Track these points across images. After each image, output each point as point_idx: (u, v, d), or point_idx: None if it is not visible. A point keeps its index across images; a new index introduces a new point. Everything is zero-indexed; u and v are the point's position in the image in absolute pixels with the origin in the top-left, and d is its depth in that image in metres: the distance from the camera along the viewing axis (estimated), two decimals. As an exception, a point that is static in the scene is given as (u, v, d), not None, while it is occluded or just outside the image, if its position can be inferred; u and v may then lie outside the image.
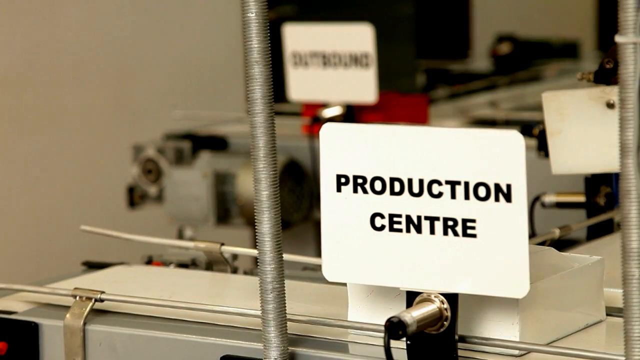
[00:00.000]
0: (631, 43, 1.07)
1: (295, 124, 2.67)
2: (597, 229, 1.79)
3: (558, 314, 1.30)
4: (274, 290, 1.30)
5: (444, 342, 1.22)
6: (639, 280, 1.09)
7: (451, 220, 1.20)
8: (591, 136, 1.67)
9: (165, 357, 1.41)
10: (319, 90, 2.54)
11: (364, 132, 1.24)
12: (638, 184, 1.08)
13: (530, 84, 3.52)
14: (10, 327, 1.49)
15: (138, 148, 2.78)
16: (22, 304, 1.54)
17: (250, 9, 1.26)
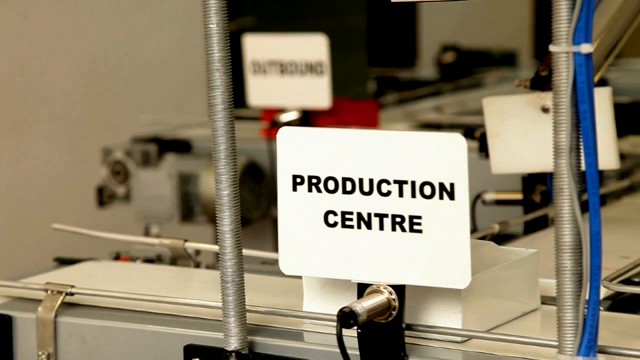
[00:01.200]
0: (564, 52, 1.08)
1: (255, 127, 2.67)
2: (533, 224, 1.80)
3: (497, 303, 1.31)
4: (234, 283, 1.30)
5: (392, 330, 1.22)
6: (571, 271, 1.10)
7: (399, 217, 1.20)
8: (528, 138, 1.68)
9: (132, 347, 1.41)
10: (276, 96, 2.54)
11: (318, 135, 1.24)
12: (570, 182, 1.09)
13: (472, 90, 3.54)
14: (-18, 320, 1.48)
15: (107, 151, 2.77)
16: (-4, 297, 1.53)
17: (211, 20, 1.26)
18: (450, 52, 3.89)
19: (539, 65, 1.73)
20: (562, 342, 1.11)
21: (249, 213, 2.62)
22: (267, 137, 2.53)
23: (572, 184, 1.09)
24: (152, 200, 2.65)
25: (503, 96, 1.74)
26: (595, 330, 1.10)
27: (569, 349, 1.11)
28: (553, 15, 1.08)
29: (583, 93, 1.08)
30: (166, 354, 1.38)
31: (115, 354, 1.42)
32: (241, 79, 2.54)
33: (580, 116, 1.08)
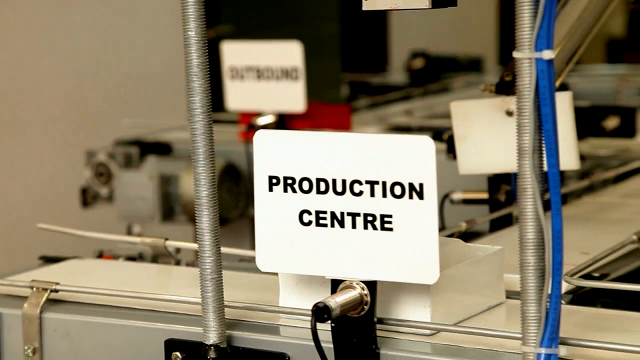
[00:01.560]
0: (527, 58, 1.08)
1: (233, 130, 2.67)
2: (498, 222, 1.81)
3: (464, 298, 1.31)
4: (213, 280, 1.30)
5: (364, 324, 1.22)
6: (534, 267, 1.10)
7: (370, 216, 1.20)
8: (493, 140, 1.69)
9: (114, 341, 1.40)
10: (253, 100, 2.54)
11: (293, 138, 1.24)
12: (533, 182, 1.09)
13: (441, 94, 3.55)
14: (-30, 317, 1.47)
15: (90, 153, 2.76)
16: (-17, 295, 1.52)
17: (190, 28, 1.26)
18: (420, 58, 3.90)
19: (503, 71, 1.74)
20: (526, 335, 1.12)
21: (228, 212, 2.62)
22: (245, 140, 2.53)
23: (535, 184, 1.09)
24: (134, 201, 2.65)
25: (469, 100, 1.75)
26: (557, 323, 1.11)
27: (532, 341, 1.11)
28: (516, 23, 1.09)
29: (545, 97, 1.08)
30: (147, 348, 1.37)
31: (98, 348, 1.42)
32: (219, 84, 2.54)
33: (543, 119, 1.09)
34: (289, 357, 1.28)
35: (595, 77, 3.84)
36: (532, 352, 1.11)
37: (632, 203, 1.95)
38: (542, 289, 1.10)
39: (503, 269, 1.36)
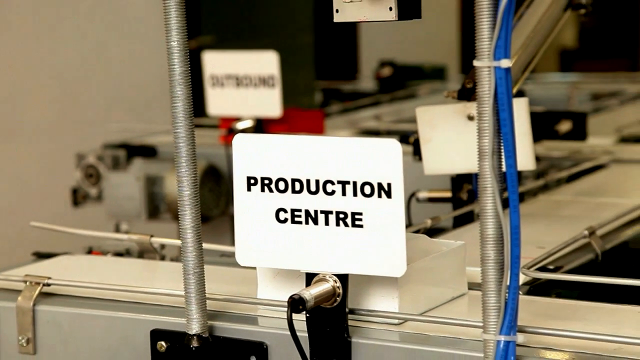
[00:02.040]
0: (486, 67, 1.08)
1: (214, 134, 2.66)
2: (461, 219, 1.81)
3: (429, 289, 1.32)
4: (195, 274, 1.29)
5: (336, 314, 1.22)
6: (494, 260, 1.11)
7: (342, 214, 1.20)
8: (456, 143, 1.69)
9: (103, 332, 1.40)
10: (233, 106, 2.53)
11: (270, 141, 1.24)
12: (493, 182, 1.10)
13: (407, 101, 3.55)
14: (-32, 310, 1.46)
15: (81, 156, 2.75)
16: (-21, 289, 1.51)
17: (172, 38, 1.26)
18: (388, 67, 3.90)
19: (465, 79, 1.74)
20: (487, 323, 1.12)
21: (209, 211, 2.62)
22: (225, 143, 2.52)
23: (495, 183, 1.09)
24: (121, 200, 2.64)
25: (434, 106, 1.75)
26: (515, 312, 1.11)
27: (492, 329, 1.11)
28: (476, 35, 1.09)
29: (503, 103, 1.08)
30: (134, 338, 1.37)
31: (88, 338, 1.41)
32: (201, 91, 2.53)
33: (501, 123, 1.09)
34: (267, 345, 1.28)
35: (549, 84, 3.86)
36: (492, 340, 1.11)
37: (583, 201, 1.96)
38: (501, 280, 1.11)
39: (465, 262, 1.37)
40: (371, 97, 3.69)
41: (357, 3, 1.25)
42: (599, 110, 3.19)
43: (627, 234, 1.71)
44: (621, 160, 2.31)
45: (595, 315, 1.27)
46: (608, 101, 3.35)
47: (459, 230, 1.76)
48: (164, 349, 1.33)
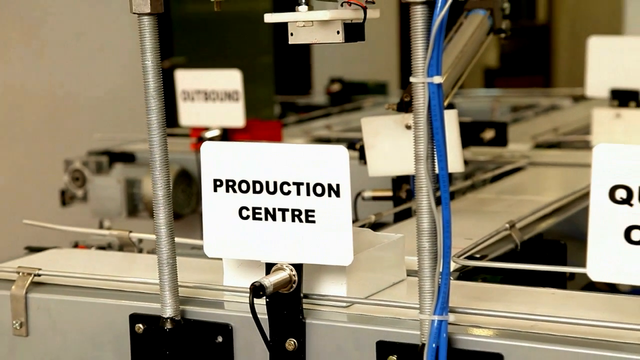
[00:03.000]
0: (421, 82, 1.08)
1: (185, 142, 2.64)
2: (400, 215, 1.81)
3: (373, 276, 1.31)
4: (168, 265, 1.28)
5: (292, 299, 1.22)
6: (429, 250, 1.11)
7: (297, 211, 1.20)
8: (395, 149, 1.69)
9: (87, 316, 1.38)
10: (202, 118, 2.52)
11: (234, 148, 1.24)
12: (427, 182, 1.10)
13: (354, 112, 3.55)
14: (-33, 298, 1.44)
15: (68, 162, 2.73)
16: (-23, 279, 1.49)
17: (147, 58, 1.25)
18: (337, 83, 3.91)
19: (403, 93, 1.74)
20: (422, 305, 1.12)
21: (182, 209, 2.61)
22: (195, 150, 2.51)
23: (429, 184, 1.10)
24: (104, 200, 2.63)
25: (377, 117, 1.75)
26: (447, 295, 1.11)
27: (427, 310, 1.12)
28: (412, 55, 1.09)
29: (435, 114, 1.08)
30: (115, 321, 1.35)
31: (74, 322, 1.39)
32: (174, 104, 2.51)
33: (434, 131, 1.09)
34: (232, 327, 1.27)
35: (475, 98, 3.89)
36: (427, 319, 1.12)
37: (505, 198, 1.97)
38: (435, 268, 1.11)
39: (404, 252, 1.37)
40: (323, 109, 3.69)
41: (309, 27, 1.24)
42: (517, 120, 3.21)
43: (542, 226, 1.72)
44: (536, 164, 2.33)
45: (515, 297, 1.28)
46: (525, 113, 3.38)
47: (399, 224, 1.76)
48: (142, 330, 1.32)
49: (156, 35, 1.24)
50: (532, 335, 1.12)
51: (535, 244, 1.65)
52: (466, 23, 1.91)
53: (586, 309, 1.20)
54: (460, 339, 1.13)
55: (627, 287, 1.46)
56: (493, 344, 1.12)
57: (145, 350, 1.32)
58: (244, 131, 2.47)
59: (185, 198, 2.63)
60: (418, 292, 1.12)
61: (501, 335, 1.13)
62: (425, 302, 1.12)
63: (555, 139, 2.72)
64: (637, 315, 1.15)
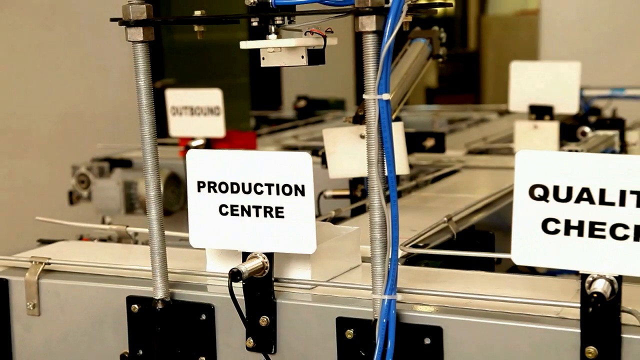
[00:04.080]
0: (372, 99, 1.08)
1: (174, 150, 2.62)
2: (356, 210, 1.81)
3: (333, 262, 1.31)
4: (160, 254, 1.27)
5: (265, 282, 1.21)
6: (380, 240, 1.10)
7: (268, 208, 1.19)
8: (352, 155, 1.69)
9: (90, 298, 1.37)
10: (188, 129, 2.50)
11: (215, 155, 1.23)
12: (378, 183, 1.09)
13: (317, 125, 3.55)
14: (-12, 282, 1.42)
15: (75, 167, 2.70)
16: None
17: (140, 79, 1.23)
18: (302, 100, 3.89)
19: (358, 108, 1.74)
20: (375, 286, 1.12)
21: (171, 207, 2.59)
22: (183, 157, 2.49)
23: (379, 184, 1.09)
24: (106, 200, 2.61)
25: (336, 128, 1.75)
26: (395, 278, 1.11)
27: (379, 291, 1.11)
28: (364, 75, 1.08)
29: (385, 125, 1.08)
30: (114, 303, 1.34)
31: (79, 303, 1.38)
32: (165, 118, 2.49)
33: (384, 140, 1.09)
34: (214, 306, 1.26)
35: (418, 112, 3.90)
36: (379, 298, 1.11)
37: (443, 196, 1.98)
38: (385, 255, 1.11)
39: (359, 242, 1.36)
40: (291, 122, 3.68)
41: (278, 53, 1.23)
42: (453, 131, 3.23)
43: (474, 219, 1.73)
44: (469, 167, 2.34)
45: (452, 279, 1.28)
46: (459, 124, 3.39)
47: (355, 218, 1.75)
48: (137, 310, 1.31)
49: (148, 60, 1.23)
50: (466, 311, 1.12)
51: (468, 234, 1.66)
52: (410, 50, 1.92)
53: (511, 288, 1.20)
54: (406, 314, 1.13)
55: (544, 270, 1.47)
56: (434, 319, 1.12)
57: (140, 327, 1.31)
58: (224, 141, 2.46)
59: (174, 197, 2.61)
60: (371, 275, 1.12)
61: (440, 311, 1.13)
62: (377, 284, 1.11)
63: (485, 146, 2.74)
64: (552, 292, 1.15)
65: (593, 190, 1.01)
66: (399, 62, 1.88)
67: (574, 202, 1.02)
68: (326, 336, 1.18)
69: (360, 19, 1.06)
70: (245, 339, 1.23)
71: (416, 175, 2.19)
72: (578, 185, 1.02)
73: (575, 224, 1.02)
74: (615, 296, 1.01)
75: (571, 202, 1.02)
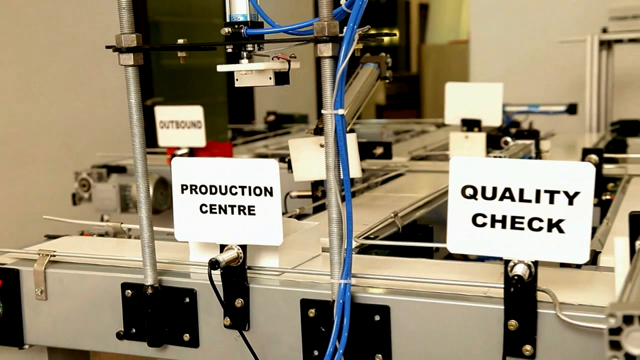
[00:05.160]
0: (329, 113, 1.07)
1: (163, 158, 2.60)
2: (317, 208, 1.81)
3: (298, 252, 1.30)
4: (149, 247, 1.25)
5: (240, 270, 1.20)
6: (337, 234, 1.10)
7: (242, 207, 1.18)
8: (313, 161, 1.68)
9: (90, 285, 1.34)
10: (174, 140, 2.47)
11: (196, 162, 1.21)
12: (335, 185, 1.09)
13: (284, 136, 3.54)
14: (3, 272, 1.38)
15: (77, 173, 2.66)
16: (10, 259, 1.43)
17: (131, 97, 1.21)
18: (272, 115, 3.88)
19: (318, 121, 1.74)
20: (332, 272, 1.11)
21: (160, 206, 2.55)
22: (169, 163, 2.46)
23: (336, 186, 1.09)
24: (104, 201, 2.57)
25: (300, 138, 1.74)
26: (350, 265, 1.11)
27: (336, 276, 1.11)
28: (323, 93, 1.08)
29: (340, 136, 1.08)
30: (110, 288, 1.31)
31: (80, 289, 1.35)
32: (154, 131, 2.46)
33: (339, 149, 1.08)
34: (196, 291, 1.24)
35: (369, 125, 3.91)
36: (336, 282, 1.11)
37: (391, 195, 1.98)
38: (341, 246, 1.10)
39: (319, 235, 1.36)
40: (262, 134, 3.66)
41: (250, 75, 1.23)
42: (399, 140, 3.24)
43: (417, 215, 1.73)
44: (412, 171, 2.35)
45: (398, 265, 1.28)
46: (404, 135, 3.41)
47: (316, 215, 1.75)
48: (130, 295, 1.29)
49: (138, 81, 1.21)
50: (409, 292, 1.12)
51: (411, 227, 1.66)
52: (361, 72, 1.92)
53: (446, 272, 1.21)
54: (359, 295, 1.13)
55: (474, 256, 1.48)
56: (382, 299, 1.12)
57: (133, 309, 1.29)
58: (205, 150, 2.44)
59: (162, 198, 2.57)
60: (329, 263, 1.11)
61: (388, 293, 1.13)
62: (335, 270, 1.11)
63: (425, 153, 2.75)
64: (481, 276, 1.16)
65: (514, 190, 1.02)
66: (352, 83, 1.88)
67: (498, 199, 1.03)
68: (292, 315, 1.17)
69: (319, 46, 1.06)
70: (223, 318, 1.21)
71: (367, 178, 2.19)
72: (501, 185, 1.02)
73: (500, 218, 1.03)
74: (532, 278, 1.02)
75: (496, 199, 1.03)
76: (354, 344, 1.12)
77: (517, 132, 2.47)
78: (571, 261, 1.00)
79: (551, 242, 1.00)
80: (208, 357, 1.24)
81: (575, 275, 1.16)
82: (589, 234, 0.99)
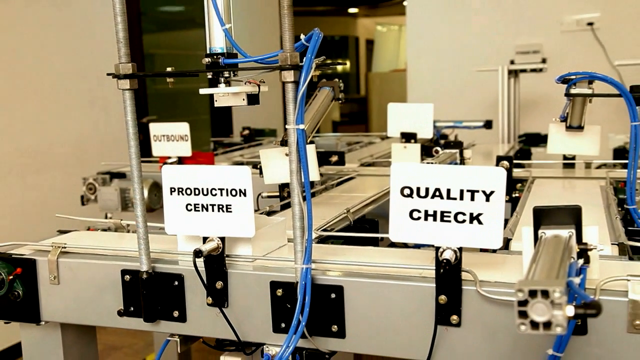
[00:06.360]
0: (292, 128, 1.07)
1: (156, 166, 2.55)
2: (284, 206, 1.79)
3: (268, 243, 1.28)
4: (144, 239, 1.22)
5: (219, 258, 1.18)
6: (300, 227, 1.09)
7: (221, 205, 1.16)
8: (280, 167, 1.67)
9: (95, 272, 1.30)
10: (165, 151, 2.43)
11: (183, 169, 1.19)
12: (297, 186, 1.08)
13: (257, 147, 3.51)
14: (22, 261, 1.34)
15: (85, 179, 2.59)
16: (28, 250, 1.39)
17: (128, 115, 1.18)
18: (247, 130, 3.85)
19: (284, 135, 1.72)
20: (296, 259, 1.10)
21: (154, 206, 2.50)
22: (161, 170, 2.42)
23: (298, 188, 1.08)
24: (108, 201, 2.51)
25: (269, 149, 1.72)
26: (310, 253, 1.10)
27: (299, 262, 1.10)
28: (287, 111, 1.07)
29: (301, 147, 1.07)
30: (111, 274, 1.28)
31: (87, 275, 1.31)
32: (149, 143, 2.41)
33: (301, 157, 1.07)
34: (183, 275, 1.22)
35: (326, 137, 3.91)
36: (299, 267, 1.10)
37: (345, 195, 1.98)
38: (303, 237, 1.09)
39: (285, 228, 1.34)
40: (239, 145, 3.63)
41: (227, 96, 1.21)
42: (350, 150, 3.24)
43: (365, 210, 1.73)
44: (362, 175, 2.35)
45: (350, 252, 1.28)
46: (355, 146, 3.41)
47: (283, 212, 1.73)
48: (129, 279, 1.26)
49: (133, 102, 1.18)
50: (360, 274, 1.12)
51: (361, 221, 1.66)
52: (319, 95, 1.91)
53: (390, 257, 1.21)
54: (319, 278, 1.12)
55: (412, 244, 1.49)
56: (337, 280, 1.11)
57: (131, 291, 1.26)
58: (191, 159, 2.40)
59: (156, 199, 2.53)
60: (294, 251, 1.10)
61: (342, 275, 1.12)
62: (298, 257, 1.10)
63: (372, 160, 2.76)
64: (417, 260, 1.16)
65: (442, 190, 1.02)
66: (311, 103, 1.87)
67: (430, 198, 1.03)
68: (263, 294, 1.15)
69: (283, 73, 1.05)
70: (206, 298, 1.19)
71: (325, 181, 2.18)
72: (432, 186, 1.03)
73: (431, 213, 1.03)
74: (458, 261, 1.02)
75: (428, 198, 1.03)
76: (314, 318, 1.11)
77: (445, 143, 2.49)
78: (488, 247, 1.01)
79: (472, 232, 1.01)
80: (194, 330, 1.22)
81: (492, 258, 1.17)
82: (502, 224, 1.00)
